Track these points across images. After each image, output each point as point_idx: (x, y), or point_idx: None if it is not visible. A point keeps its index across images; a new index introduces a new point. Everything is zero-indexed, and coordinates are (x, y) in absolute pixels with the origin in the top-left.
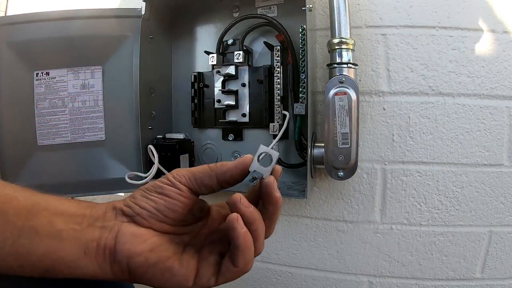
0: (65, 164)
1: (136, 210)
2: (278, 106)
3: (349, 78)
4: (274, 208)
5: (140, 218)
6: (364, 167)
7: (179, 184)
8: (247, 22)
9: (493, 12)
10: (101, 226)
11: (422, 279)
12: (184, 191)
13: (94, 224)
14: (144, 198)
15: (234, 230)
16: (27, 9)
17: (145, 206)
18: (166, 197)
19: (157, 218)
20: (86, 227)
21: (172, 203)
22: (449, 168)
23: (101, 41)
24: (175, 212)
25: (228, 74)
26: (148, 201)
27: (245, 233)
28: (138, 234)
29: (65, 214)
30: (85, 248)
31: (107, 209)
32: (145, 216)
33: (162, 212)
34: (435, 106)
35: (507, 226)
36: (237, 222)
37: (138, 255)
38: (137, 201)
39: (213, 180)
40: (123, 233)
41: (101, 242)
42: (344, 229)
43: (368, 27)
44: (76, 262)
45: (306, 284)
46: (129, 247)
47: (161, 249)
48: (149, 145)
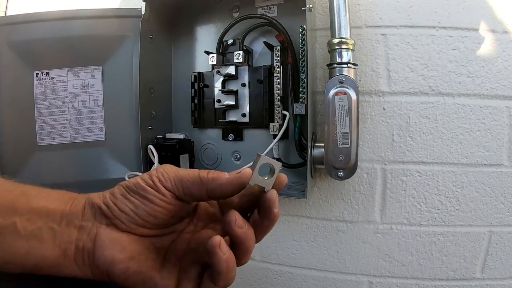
0: (65, 164)
1: (115, 213)
2: (278, 106)
3: (349, 78)
4: (270, 223)
5: (118, 221)
6: (364, 167)
7: (162, 189)
8: (247, 22)
9: (493, 12)
10: (79, 226)
11: (422, 279)
12: (167, 197)
13: (73, 222)
14: (125, 200)
15: (215, 255)
16: (27, 9)
17: (124, 209)
18: (147, 201)
19: (136, 223)
20: (64, 226)
21: (153, 209)
22: (449, 168)
23: (101, 41)
24: (156, 218)
25: (228, 74)
26: (128, 203)
27: (228, 258)
28: (117, 240)
29: (44, 209)
30: (64, 250)
31: (86, 204)
32: (124, 220)
33: (142, 217)
34: (435, 106)
35: (507, 226)
36: (219, 248)
37: (118, 262)
38: (116, 202)
39: (202, 191)
40: (101, 237)
41: (79, 244)
42: (344, 229)
43: (368, 27)
44: (58, 263)
45: (306, 284)
46: (108, 254)
47: (142, 258)
48: (149, 145)
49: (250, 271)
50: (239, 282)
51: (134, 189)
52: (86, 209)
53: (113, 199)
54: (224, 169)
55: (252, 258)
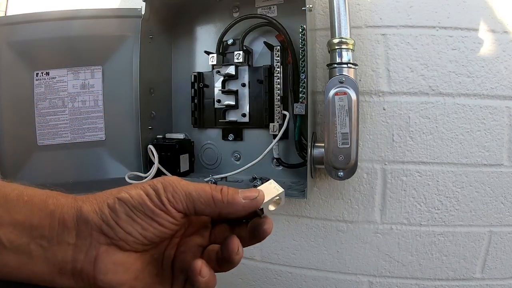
0: (65, 164)
1: (120, 234)
2: (278, 106)
3: (349, 78)
4: (257, 242)
5: (123, 243)
6: (364, 167)
7: (173, 212)
8: (247, 22)
9: (493, 12)
10: (73, 244)
11: (422, 279)
12: (178, 219)
13: (64, 239)
14: (130, 220)
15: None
16: (27, 9)
17: (130, 231)
18: (156, 224)
19: (142, 244)
20: (56, 245)
21: (163, 231)
22: (449, 168)
23: (101, 41)
24: (163, 238)
25: (228, 74)
26: (135, 225)
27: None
28: (120, 262)
29: (27, 223)
30: (59, 268)
31: (77, 220)
32: (130, 242)
33: (151, 239)
34: (435, 106)
35: (507, 226)
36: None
37: (122, 285)
38: (120, 223)
39: (215, 213)
40: (103, 261)
41: (76, 265)
42: (344, 229)
43: (368, 27)
44: (52, 279)
45: (306, 284)
46: (112, 278)
47: (145, 275)
48: (149, 145)
49: (250, 271)
50: (239, 282)
51: (141, 209)
52: (79, 225)
53: (116, 218)
54: (224, 169)
55: (252, 258)
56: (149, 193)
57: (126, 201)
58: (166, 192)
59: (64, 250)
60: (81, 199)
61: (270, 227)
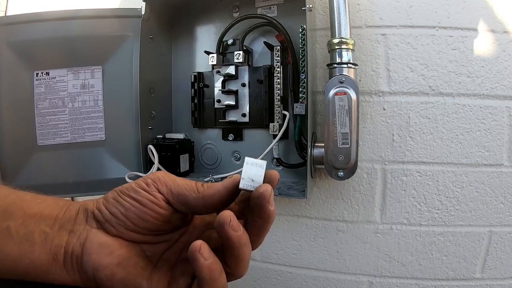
0: (65, 164)
1: (106, 216)
2: (278, 106)
3: (349, 78)
4: (263, 222)
5: (109, 225)
6: (364, 167)
7: (155, 192)
8: (247, 22)
9: (493, 12)
10: (70, 230)
11: (422, 279)
12: (159, 201)
13: (65, 226)
14: (116, 202)
15: (195, 261)
16: (27, 9)
17: (114, 212)
18: (137, 203)
19: (125, 226)
20: (56, 230)
21: (143, 212)
22: (449, 168)
23: (101, 41)
24: (146, 222)
25: (228, 74)
26: (119, 206)
27: (210, 264)
28: (105, 244)
29: (38, 215)
30: (54, 254)
31: (80, 210)
32: (114, 223)
33: (132, 220)
34: (435, 106)
35: (507, 226)
36: (200, 253)
37: (104, 268)
38: (108, 206)
39: (198, 202)
40: (90, 241)
41: (68, 248)
42: (344, 229)
43: (368, 27)
44: (47, 268)
45: (306, 284)
46: (95, 258)
47: (129, 264)
48: (149, 145)
49: (250, 271)
50: (239, 282)
51: (126, 192)
52: (79, 214)
53: (105, 203)
54: (224, 169)
55: (252, 258)
56: (137, 180)
57: (117, 189)
58: (153, 176)
59: (62, 235)
60: (88, 202)
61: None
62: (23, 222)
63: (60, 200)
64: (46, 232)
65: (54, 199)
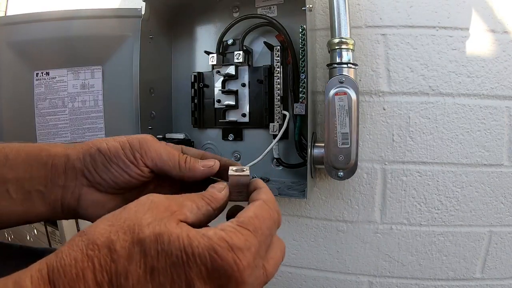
0: None
1: (96, 179)
2: (278, 106)
3: (349, 78)
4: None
5: (98, 185)
6: (364, 167)
7: (142, 166)
8: (247, 22)
9: (493, 12)
10: (63, 186)
11: (422, 279)
12: (145, 173)
13: (56, 182)
14: (105, 169)
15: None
16: (27, 9)
17: (104, 177)
18: (126, 174)
19: (113, 187)
20: (50, 188)
21: (131, 181)
22: (449, 168)
23: (101, 41)
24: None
25: (228, 74)
26: (108, 173)
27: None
28: (98, 200)
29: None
30: (52, 207)
31: (67, 167)
32: (103, 185)
33: (119, 184)
34: (435, 106)
35: (507, 226)
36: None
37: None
38: (97, 169)
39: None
40: (85, 199)
41: (64, 202)
42: (344, 229)
43: (368, 27)
44: (49, 216)
45: (306, 284)
46: (92, 212)
47: None
48: None
49: None
50: None
51: (115, 161)
52: (67, 170)
53: (94, 166)
54: None
55: None
56: (125, 147)
57: (104, 152)
58: (140, 149)
59: (56, 192)
60: (68, 147)
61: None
62: (18, 184)
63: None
64: (41, 191)
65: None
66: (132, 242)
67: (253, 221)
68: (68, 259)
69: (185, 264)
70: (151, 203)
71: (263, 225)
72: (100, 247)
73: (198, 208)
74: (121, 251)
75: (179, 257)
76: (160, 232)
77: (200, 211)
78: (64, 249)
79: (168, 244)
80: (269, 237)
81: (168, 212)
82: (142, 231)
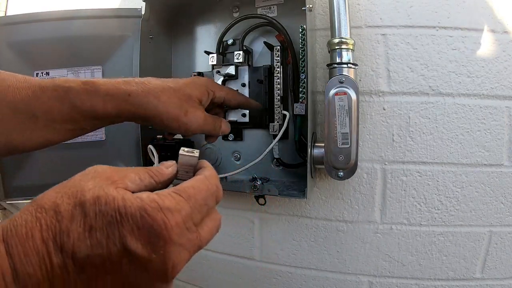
0: (65, 164)
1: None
2: (278, 106)
3: (349, 78)
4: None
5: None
6: (364, 167)
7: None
8: (247, 22)
9: (493, 12)
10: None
11: (422, 279)
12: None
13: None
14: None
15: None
16: (27, 9)
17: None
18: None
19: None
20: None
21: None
22: (449, 168)
23: (101, 41)
24: None
25: (228, 74)
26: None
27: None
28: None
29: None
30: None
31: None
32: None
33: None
34: (435, 106)
35: (507, 226)
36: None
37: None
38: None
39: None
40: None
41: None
42: (344, 229)
43: (368, 27)
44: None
45: (306, 284)
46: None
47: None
48: (149, 145)
49: (250, 271)
50: (239, 282)
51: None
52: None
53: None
54: (224, 169)
55: (252, 258)
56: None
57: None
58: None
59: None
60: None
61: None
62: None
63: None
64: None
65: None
66: (74, 205)
67: (188, 190)
68: (19, 221)
69: (118, 223)
70: (94, 173)
71: (198, 195)
72: (47, 210)
73: (140, 179)
74: (64, 213)
75: (114, 217)
76: (99, 195)
77: (143, 182)
78: (17, 214)
79: (105, 205)
80: (204, 207)
81: (109, 181)
82: (84, 195)
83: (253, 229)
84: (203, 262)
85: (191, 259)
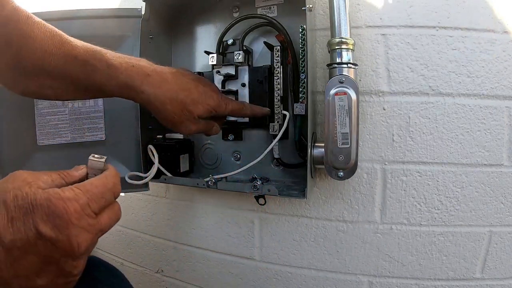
0: (65, 164)
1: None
2: (278, 106)
3: (349, 78)
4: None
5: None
6: (364, 167)
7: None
8: (247, 22)
9: (493, 12)
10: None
11: (422, 279)
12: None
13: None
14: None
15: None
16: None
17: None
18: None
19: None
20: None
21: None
22: (449, 168)
23: (101, 41)
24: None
25: (228, 74)
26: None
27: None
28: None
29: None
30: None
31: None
32: None
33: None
34: (435, 106)
35: (507, 226)
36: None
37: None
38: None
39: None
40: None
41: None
42: (344, 229)
43: (368, 27)
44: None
45: (306, 284)
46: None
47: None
48: (149, 145)
49: (250, 271)
50: (239, 282)
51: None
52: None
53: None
54: (224, 169)
55: (252, 258)
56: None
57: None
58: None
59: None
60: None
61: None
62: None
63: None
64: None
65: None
66: None
67: (86, 185)
68: None
69: (32, 212)
70: (14, 177)
71: (95, 189)
72: None
73: (52, 180)
74: None
75: (28, 208)
76: (16, 194)
77: (54, 182)
78: None
79: (21, 200)
80: (101, 199)
81: (25, 182)
82: (5, 195)
83: (253, 229)
84: (203, 262)
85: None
